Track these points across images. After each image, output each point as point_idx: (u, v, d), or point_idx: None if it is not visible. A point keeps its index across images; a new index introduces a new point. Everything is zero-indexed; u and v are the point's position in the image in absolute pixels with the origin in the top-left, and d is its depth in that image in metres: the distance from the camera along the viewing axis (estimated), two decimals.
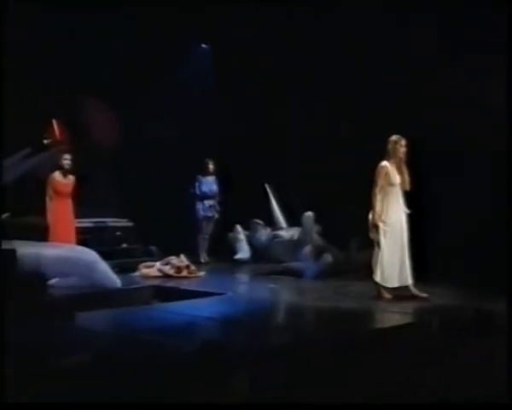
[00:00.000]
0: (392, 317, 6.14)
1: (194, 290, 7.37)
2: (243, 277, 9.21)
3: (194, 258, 9.38)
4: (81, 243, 8.17)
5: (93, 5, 9.22)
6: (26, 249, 6.51)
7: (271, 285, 7.99)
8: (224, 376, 3.96)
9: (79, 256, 7.29)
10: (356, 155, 9.69)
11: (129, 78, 9.83)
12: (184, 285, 7.90)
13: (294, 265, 8.99)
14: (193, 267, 8.72)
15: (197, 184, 10.07)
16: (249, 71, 10.32)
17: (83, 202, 8.39)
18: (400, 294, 6.80)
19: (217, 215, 10.19)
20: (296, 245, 9.47)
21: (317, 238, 9.48)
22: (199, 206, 10.07)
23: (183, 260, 8.69)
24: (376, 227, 6.84)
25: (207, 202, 10.07)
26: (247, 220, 10.38)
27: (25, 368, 3.81)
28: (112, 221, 9.76)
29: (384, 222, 6.84)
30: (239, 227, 10.34)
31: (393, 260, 6.84)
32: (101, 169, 9.41)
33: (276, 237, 10.13)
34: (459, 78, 8.18)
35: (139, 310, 6.49)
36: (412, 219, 7.00)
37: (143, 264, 8.78)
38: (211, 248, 10.27)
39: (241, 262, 10.05)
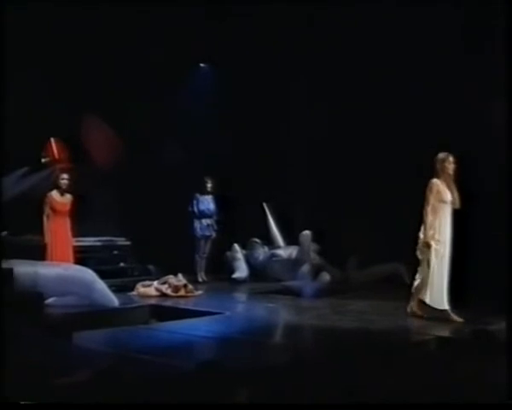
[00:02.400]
0: (393, 336, 6.14)
1: (192, 310, 7.37)
2: (241, 296, 9.20)
3: (191, 277, 9.37)
4: (78, 262, 8.17)
5: (92, 24, 9.30)
6: (24, 268, 6.52)
7: (269, 304, 7.99)
8: (222, 395, 3.95)
9: (77, 275, 7.30)
10: (354, 174, 9.80)
11: (129, 97, 9.88)
12: (182, 304, 7.90)
13: (292, 284, 8.98)
14: (190, 286, 8.71)
15: (195, 202, 10.08)
16: (249, 90, 10.39)
17: (80, 220, 8.40)
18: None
19: (214, 234, 10.19)
20: (294, 264, 9.52)
21: (314, 257, 9.54)
22: (197, 224, 10.07)
23: (180, 279, 8.68)
24: (428, 246, 6.67)
25: (205, 221, 10.07)
26: (244, 239, 10.40)
27: (21, 387, 3.80)
28: (109, 240, 9.76)
29: (437, 241, 6.68)
30: (237, 246, 10.34)
31: (443, 281, 6.66)
32: (99, 188, 9.42)
33: (273, 255, 10.15)
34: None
35: (137, 329, 6.47)
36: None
37: (141, 283, 8.77)
38: (208, 267, 10.26)
39: (238, 281, 10.04)
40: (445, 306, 6.67)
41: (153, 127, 10.28)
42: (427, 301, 6.69)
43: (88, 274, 7.34)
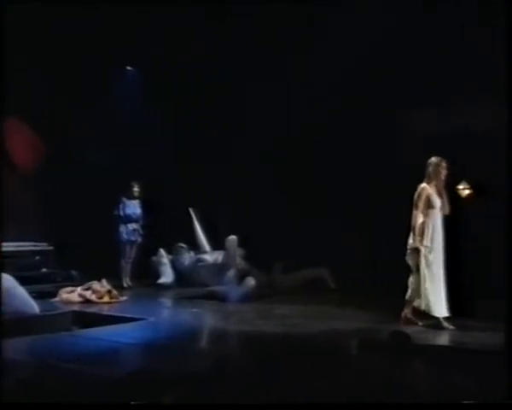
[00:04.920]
0: (317, 340, 6.24)
1: (116, 316, 7.31)
2: (166, 301, 9.18)
3: (116, 283, 9.28)
4: None
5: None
6: None
7: (194, 309, 8.01)
8: (147, 401, 3.97)
9: None
10: (279, 177, 9.98)
11: (53, 98, 9.68)
12: (106, 311, 7.83)
13: (218, 288, 9.03)
14: (115, 292, 8.63)
15: (121, 206, 9.99)
16: (177, 94, 10.38)
17: (1, 225, 8.17)
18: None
19: (140, 239, 10.13)
20: (220, 269, 9.58)
21: (240, 262, 9.62)
22: (122, 229, 9.98)
23: (104, 284, 8.60)
24: (417, 251, 6.56)
25: (131, 226, 10.00)
26: (170, 244, 10.38)
27: None
28: (31, 245, 9.54)
29: (426, 247, 6.56)
30: (162, 251, 10.31)
31: (437, 287, 6.53)
32: (20, 192, 9.20)
33: (199, 260, 10.18)
34: None
35: (59, 337, 6.36)
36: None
37: (64, 289, 8.62)
38: (134, 273, 10.17)
39: (164, 287, 10.00)
40: (444, 313, 6.52)
41: (76, 130, 10.13)
42: (423, 307, 6.56)
43: (8, 281, 7.16)
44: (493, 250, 7.30)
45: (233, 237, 9.61)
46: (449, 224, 6.75)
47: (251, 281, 9.23)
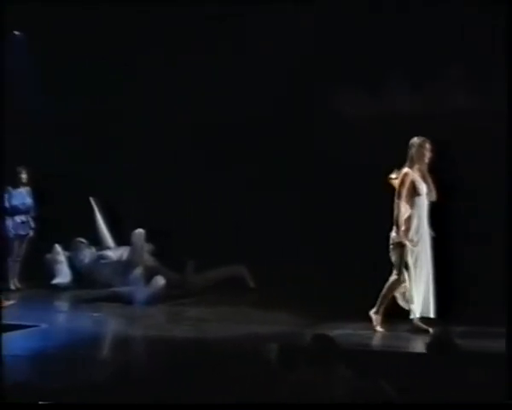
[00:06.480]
0: (231, 344, 6.32)
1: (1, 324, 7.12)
2: (62, 305, 9.07)
3: (2, 284, 9.10)
4: None
5: None
6: None
7: (95, 314, 7.97)
8: None
9: None
10: (195, 168, 9.96)
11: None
12: None
13: (123, 289, 9.01)
14: None
15: (7, 196, 9.71)
16: (78, 62, 10.18)
17: None
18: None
19: (31, 233, 9.88)
20: (125, 267, 9.49)
21: (148, 259, 9.55)
22: (9, 222, 9.70)
23: None
24: (402, 246, 6.49)
25: (19, 218, 9.73)
26: (67, 239, 10.15)
27: None
28: None
29: (411, 241, 6.51)
30: (58, 247, 10.06)
31: (425, 285, 6.52)
32: None
33: (102, 257, 10.02)
34: None
35: None
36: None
37: None
38: (23, 273, 9.91)
39: (60, 288, 9.78)
40: (430, 314, 6.52)
41: None
42: (408, 308, 6.58)
43: None
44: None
45: (140, 231, 9.53)
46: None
47: (160, 280, 9.14)
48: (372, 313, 6.76)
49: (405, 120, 8.18)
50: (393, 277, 6.63)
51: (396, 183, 6.61)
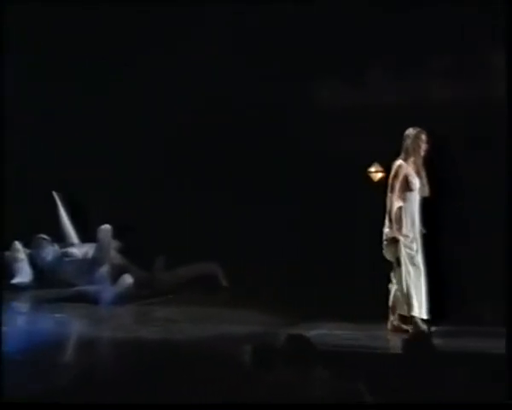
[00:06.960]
0: (207, 347, 6.29)
1: None
2: (22, 306, 8.90)
3: None
4: None
5: None
6: None
7: (58, 315, 7.93)
8: None
9: None
10: (163, 161, 9.89)
11: None
12: None
13: (88, 289, 8.97)
14: None
15: None
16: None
17: None
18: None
19: None
20: (91, 265, 9.46)
21: (115, 256, 9.51)
22: None
23: None
24: (396, 242, 6.46)
25: None
26: (28, 235, 10.01)
27: None
28: None
29: (406, 236, 6.48)
30: (18, 244, 9.93)
31: (419, 284, 6.47)
32: None
33: (65, 255, 9.94)
34: None
35: None
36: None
37: None
38: None
39: (20, 288, 9.63)
40: (423, 315, 6.48)
41: None
42: (416, 312, 6.49)
43: None
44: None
45: (106, 227, 9.47)
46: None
47: (128, 279, 9.11)
48: (391, 322, 6.72)
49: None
50: (393, 278, 6.67)
51: (389, 176, 6.64)
